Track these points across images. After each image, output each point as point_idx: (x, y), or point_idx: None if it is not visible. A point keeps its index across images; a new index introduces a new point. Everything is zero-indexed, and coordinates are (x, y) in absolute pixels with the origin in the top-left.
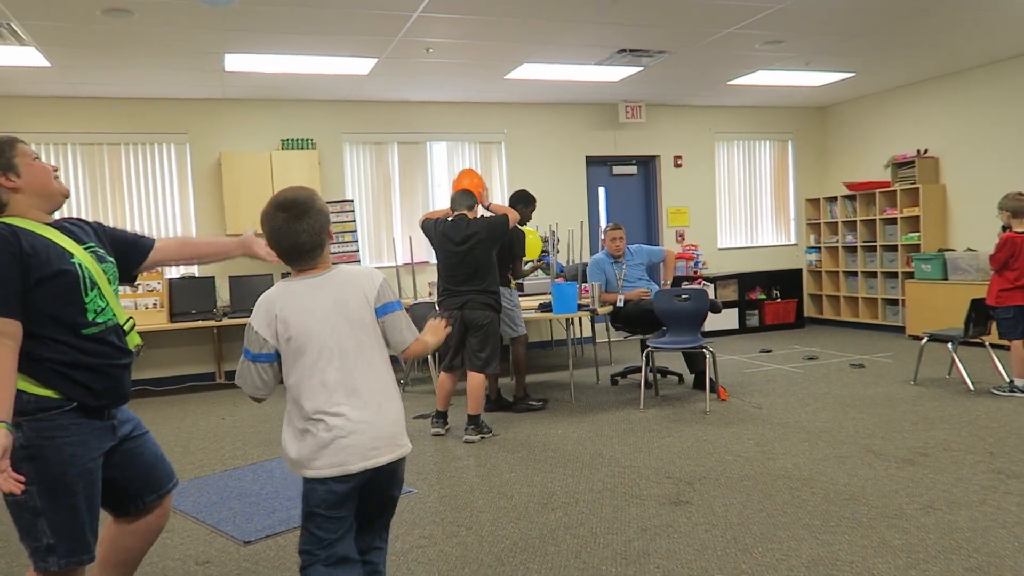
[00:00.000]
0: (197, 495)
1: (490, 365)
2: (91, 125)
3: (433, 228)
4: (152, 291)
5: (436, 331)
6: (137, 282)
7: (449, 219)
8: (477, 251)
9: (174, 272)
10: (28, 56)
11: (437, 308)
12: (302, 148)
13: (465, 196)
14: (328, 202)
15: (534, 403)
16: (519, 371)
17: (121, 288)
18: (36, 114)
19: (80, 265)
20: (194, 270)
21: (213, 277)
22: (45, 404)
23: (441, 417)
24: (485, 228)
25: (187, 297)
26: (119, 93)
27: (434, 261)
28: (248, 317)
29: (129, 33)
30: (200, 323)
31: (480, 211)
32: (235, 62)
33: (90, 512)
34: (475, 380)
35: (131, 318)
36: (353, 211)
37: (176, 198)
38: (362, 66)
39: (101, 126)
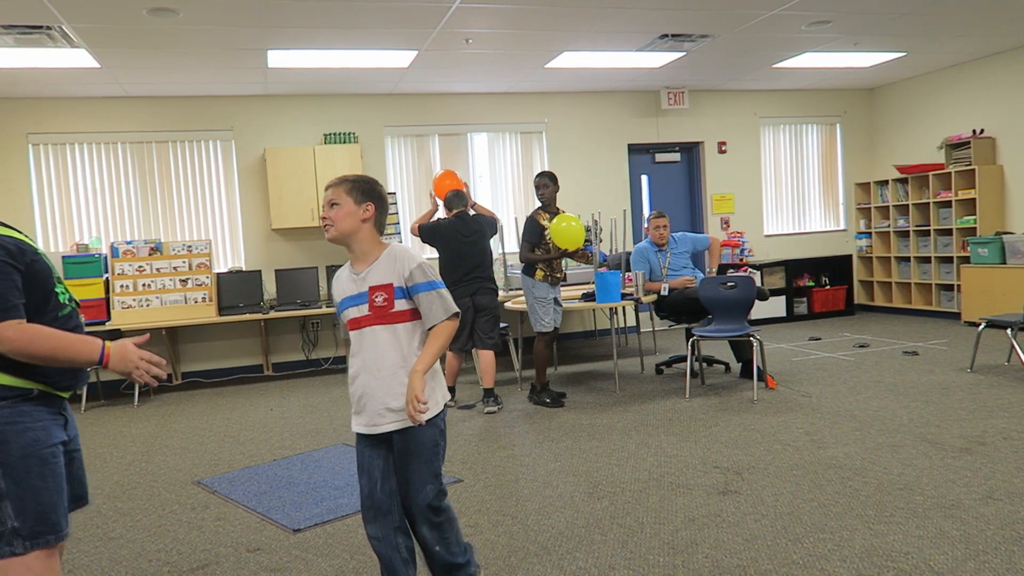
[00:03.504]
0: (247, 484)
1: (497, 344)
2: (140, 124)
3: (436, 227)
4: (201, 285)
5: None
6: (186, 276)
7: (450, 217)
8: (483, 243)
9: (222, 266)
10: (78, 58)
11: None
12: (345, 142)
13: (461, 197)
14: None
15: (548, 400)
16: (537, 365)
17: (171, 282)
18: (88, 114)
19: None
20: (241, 264)
21: (260, 271)
22: (5, 393)
23: (449, 391)
24: (488, 224)
25: (235, 291)
26: (166, 92)
27: None
28: (294, 310)
29: (174, 32)
30: (248, 316)
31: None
32: (277, 58)
33: (57, 494)
34: (487, 357)
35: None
36: (395, 203)
37: (223, 193)
38: (402, 59)
39: (149, 124)
